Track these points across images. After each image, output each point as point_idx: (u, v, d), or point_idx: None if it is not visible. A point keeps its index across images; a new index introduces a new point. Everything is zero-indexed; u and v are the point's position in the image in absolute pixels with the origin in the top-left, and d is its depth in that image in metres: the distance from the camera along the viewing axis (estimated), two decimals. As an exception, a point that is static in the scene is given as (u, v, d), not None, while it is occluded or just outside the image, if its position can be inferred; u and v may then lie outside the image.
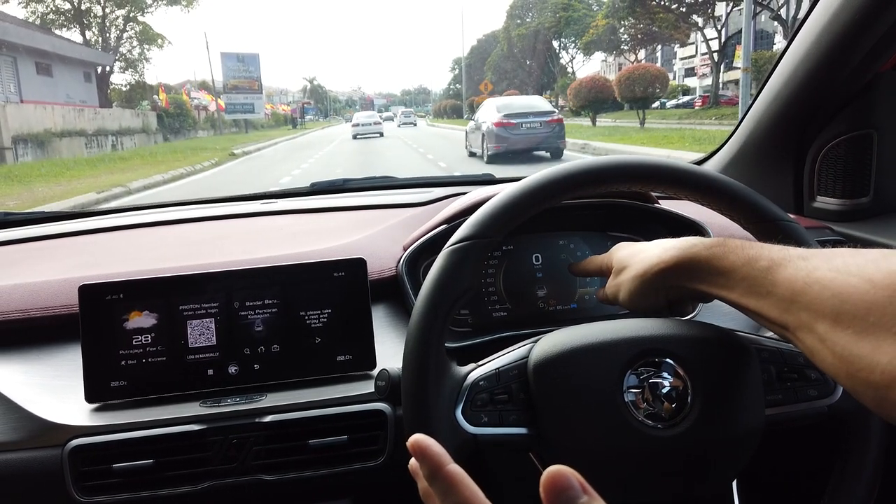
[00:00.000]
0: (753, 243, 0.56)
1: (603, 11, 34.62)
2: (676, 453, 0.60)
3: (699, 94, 35.49)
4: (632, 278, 0.68)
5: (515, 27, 46.11)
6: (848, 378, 0.44)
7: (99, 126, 20.27)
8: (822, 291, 0.46)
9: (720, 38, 27.18)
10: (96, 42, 29.41)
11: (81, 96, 23.63)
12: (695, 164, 0.93)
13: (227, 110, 32.78)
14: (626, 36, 34.31)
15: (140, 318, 0.82)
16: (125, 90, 29.93)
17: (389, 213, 1.17)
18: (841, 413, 0.62)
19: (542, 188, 0.63)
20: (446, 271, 0.61)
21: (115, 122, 21.79)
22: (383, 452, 0.79)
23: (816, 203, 1.13)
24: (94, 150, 19.27)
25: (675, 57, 49.72)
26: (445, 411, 0.60)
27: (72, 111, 19.18)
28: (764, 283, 0.52)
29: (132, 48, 30.46)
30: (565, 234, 1.02)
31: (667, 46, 44.05)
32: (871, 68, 0.98)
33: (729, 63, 29.65)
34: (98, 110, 21.87)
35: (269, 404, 0.79)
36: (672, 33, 30.39)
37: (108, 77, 28.77)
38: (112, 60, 28.79)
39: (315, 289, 0.86)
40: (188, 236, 1.15)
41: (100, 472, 0.75)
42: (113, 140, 20.80)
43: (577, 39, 39.95)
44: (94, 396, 0.81)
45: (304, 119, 60.45)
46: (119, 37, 29.87)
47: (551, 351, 0.62)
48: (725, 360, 0.62)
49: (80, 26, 28.72)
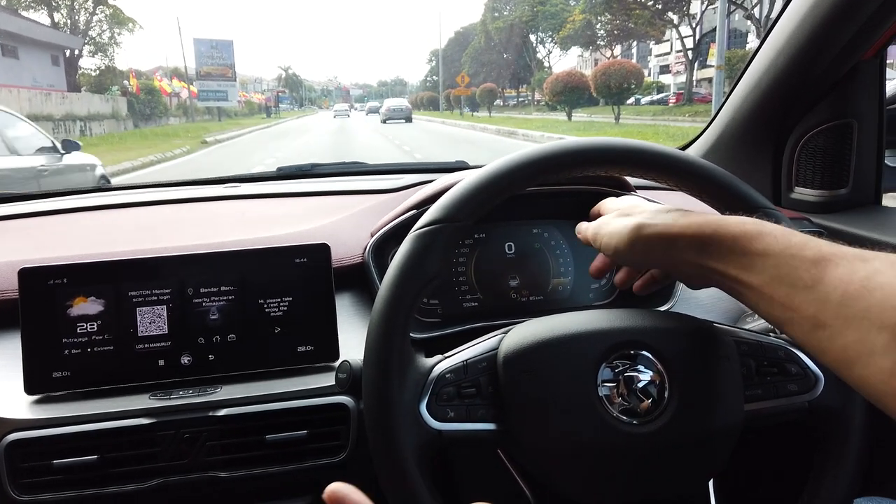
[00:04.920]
0: (796, 231, 0.51)
1: (580, 6, 34.84)
2: (653, 450, 0.57)
3: (673, 92, 35.95)
4: (636, 228, 0.58)
5: (493, 20, 46.16)
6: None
7: (67, 111, 19.78)
8: (885, 300, 0.41)
9: (695, 35, 27.53)
10: (65, 25, 28.64)
11: (49, 80, 23.03)
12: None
13: (199, 97, 32.23)
14: (603, 31, 34.59)
15: (85, 305, 0.77)
16: (95, 75, 29.18)
17: (358, 200, 1.13)
18: (822, 409, 0.60)
19: (512, 171, 0.60)
20: (412, 256, 0.58)
21: (84, 107, 21.30)
22: (345, 448, 0.76)
23: (794, 194, 1.12)
24: (61, 135, 18.70)
25: (650, 54, 50.29)
26: (409, 405, 0.56)
27: (38, 95, 18.69)
28: (805, 275, 0.46)
29: (102, 31, 29.77)
30: (539, 222, 0.99)
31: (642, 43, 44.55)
32: (852, 57, 0.97)
33: (703, 61, 30.08)
34: (66, 95, 21.33)
35: (224, 397, 0.75)
36: (647, 30, 30.71)
37: (77, 61, 28.07)
38: (81, 44, 28.09)
39: (275, 276, 0.81)
40: (143, 220, 1.09)
41: (39, 469, 0.70)
42: (81, 125, 20.31)
43: (554, 34, 40.14)
44: (35, 388, 0.76)
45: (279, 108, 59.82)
46: (89, 20, 29.13)
47: (522, 343, 0.59)
48: (704, 353, 0.59)
49: (48, 8, 27.95)
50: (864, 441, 0.59)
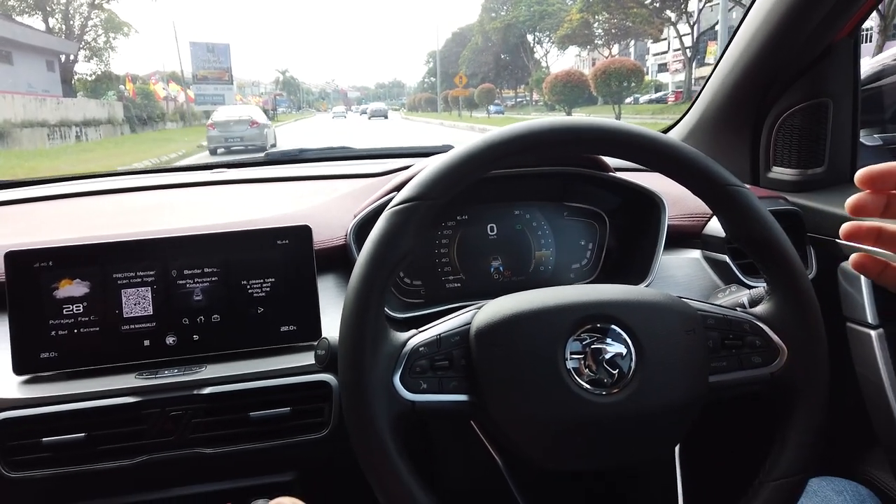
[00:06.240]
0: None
1: (577, 6, 34.77)
2: (619, 419, 0.58)
3: (672, 90, 35.88)
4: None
5: (490, 20, 46.08)
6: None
7: (62, 116, 19.60)
8: None
9: (693, 33, 27.52)
10: (60, 30, 28.54)
11: (44, 85, 22.91)
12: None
13: (196, 101, 32.13)
14: (600, 30, 34.53)
15: (71, 287, 0.78)
16: (91, 80, 29.12)
17: (344, 184, 1.14)
18: (784, 382, 0.61)
19: (484, 150, 0.61)
20: (385, 234, 0.59)
21: (80, 112, 21.12)
22: (328, 424, 0.77)
23: (772, 174, 1.13)
24: (56, 141, 18.60)
25: (647, 53, 50.20)
26: (382, 377, 0.57)
27: (33, 101, 18.50)
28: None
29: (97, 36, 29.62)
30: (521, 203, 1.00)
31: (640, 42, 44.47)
32: (825, 37, 0.98)
33: (701, 59, 30.05)
34: (61, 100, 21.16)
35: (209, 376, 0.77)
36: (645, 28, 30.66)
37: (73, 66, 27.98)
38: (76, 49, 27.99)
39: (257, 257, 0.82)
40: (128, 205, 1.10)
41: (29, 447, 0.72)
42: (77, 131, 20.12)
43: (552, 33, 40.10)
44: (23, 368, 0.77)
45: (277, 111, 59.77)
46: (83, 24, 29.02)
47: (494, 317, 0.60)
48: (670, 325, 0.60)
49: (43, 13, 27.85)
50: (824, 415, 0.60)
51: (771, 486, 0.59)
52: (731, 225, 0.63)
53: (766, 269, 0.63)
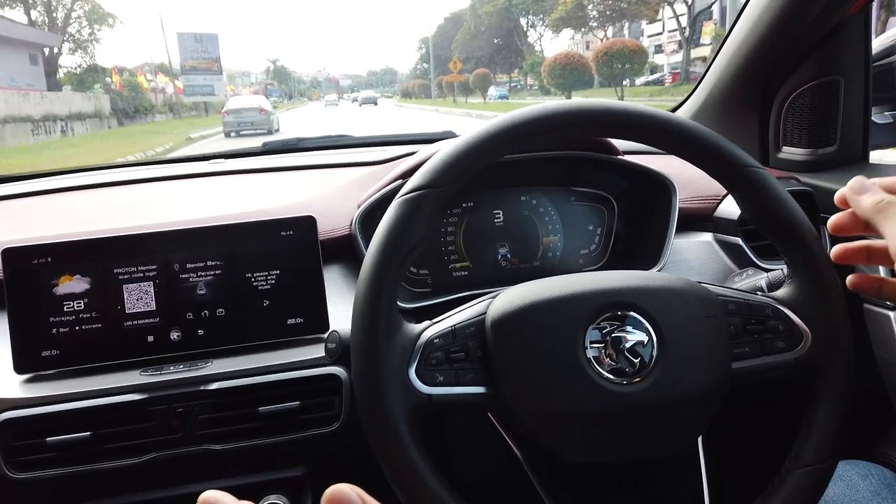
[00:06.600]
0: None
1: (572, -14, 34.46)
2: (641, 409, 0.57)
3: (668, 71, 35.70)
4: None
5: (482, 4, 45.71)
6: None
7: (46, 111, 19.19)
8: None
9: (689, 13, 27.34)
10: (42, 22, 28.17)
11: (27, 79, 22.48)
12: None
13: (185, 92, 31.80)
14: (595, 12, 34.30)
15: (71, 283, 0.76)
16: (77, 73, 28.76)
17: (345, 172, 1.12)
18: (809, 366, 0.60)
19: (493, 135, 0.59)
20: (396, 223, 0.57)
21: (65, 106, 20.69)
22: (339, 418, 0.76)
23: (782, 154, 1.11)
24: (41, 136, 18.17)
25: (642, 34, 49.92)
26: (397, 370, 0.56)
27: (16, 95, 18.04)
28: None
29: (81, 28, 29.23)
30: (527, 189, 0.98)
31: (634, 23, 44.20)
32: (836, 13, 0.96)
33: (696, 39, 29.89)
34: (45, 94, 20.76)
35: (215, 371, 0.75)
36: (641, 9, 30.47)
37: (57, 59, 27.61)
38: (60, 41, 27.60)
39: (261, 249, 0.80)
40: (125, 198, 1.08)
41: (33, 447, 0.70)
42: (62, 125, 19.69)
43: (546, 16, 39.81)
44: (24, 367, 0.75)
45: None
46: (67, 16, 28.63)
47: (510, 306, 0.58)
48: (691, 312, 0.59)
49: (24, 5, 27.45)
50: (851, 400, 0.59)
51: (799, 473, 0.58)
52: (751, 207, 0.61)
53: (787, 252, 0.61)
